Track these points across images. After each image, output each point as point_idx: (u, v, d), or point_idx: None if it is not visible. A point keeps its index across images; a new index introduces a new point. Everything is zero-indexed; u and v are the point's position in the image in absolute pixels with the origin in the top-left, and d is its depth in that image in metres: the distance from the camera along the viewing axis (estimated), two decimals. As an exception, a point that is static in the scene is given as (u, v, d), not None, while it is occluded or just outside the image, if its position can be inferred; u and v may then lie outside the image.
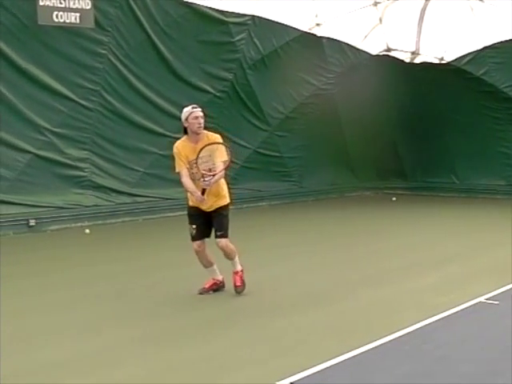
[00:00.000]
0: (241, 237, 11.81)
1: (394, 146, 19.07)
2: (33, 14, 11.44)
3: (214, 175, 6.81)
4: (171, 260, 9.64)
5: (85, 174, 13.22)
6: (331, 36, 16.88)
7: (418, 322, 6.16)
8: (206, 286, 7.35)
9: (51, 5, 11.34)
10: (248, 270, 8.75)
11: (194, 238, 7.15)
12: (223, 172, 6.96)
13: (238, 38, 14.87)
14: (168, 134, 14.39)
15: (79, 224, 12.74)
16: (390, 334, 5.80)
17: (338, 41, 17.05)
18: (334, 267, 9.03)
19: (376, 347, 5.54)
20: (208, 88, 14.84)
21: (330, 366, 5.10)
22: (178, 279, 8.33)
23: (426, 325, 6.10)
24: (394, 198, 17.51)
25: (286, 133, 17.00)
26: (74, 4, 11.60)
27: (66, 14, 11.53)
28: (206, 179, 6.73)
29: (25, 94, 12.04)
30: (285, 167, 17.41)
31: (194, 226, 7.11)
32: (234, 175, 16.05)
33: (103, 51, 12.81)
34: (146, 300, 7.21)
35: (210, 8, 14.18)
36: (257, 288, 7.77)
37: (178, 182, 14.50)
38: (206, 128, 6.98)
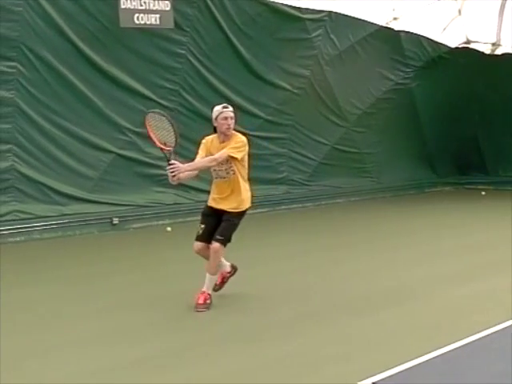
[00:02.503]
0: (320, 233, 11.98)
1: (475, 139, 18.46)
2: (114, 17, 11.59)
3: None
4: (252, 257, 9.63)
5: (165, 172, 13.28)
6: (409, 30, 16.49)
7: (505, 321, 5.89)
8: (217, 282, 6.97)
9: (132, 7, 11.48)
10: (330, 266, 8.71)
11: (197, 238, 6.78)
12: (211, 160, 6.54)
13: (314, 34, 14.69)
14: (245, 131, 14.30)
15: (160, 222, 12.87)
16: (476, 333, 5.57)
17: (416, 34, 16.64)
18: (418, 263, 8.82)
19: (463, 346, 5.31)
20: (285, 85, 14.74)
21: (415, 366, 4.92)
22: (264, 275, 8.32)
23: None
24: (483, 193, 17.03)
25: (364, 128, 16.72)
26: (153, 6, 11.71)
27: (146, 15, 11.66)
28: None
29: (107, 95, 12.23)
30: (363, 163, 17.13)
31: (203, 226, 6.77)
32: (312, 172, 16.00)
33: (182, 51, 12.87)
34: (231, 296, 7.21)
35: (287, 5, 14.06)
36: (339, 284, 7.69)
37: (255, 180, 14.76)
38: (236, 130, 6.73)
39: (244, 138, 6.66)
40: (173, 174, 6.48)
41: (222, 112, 6.60)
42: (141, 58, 12.37)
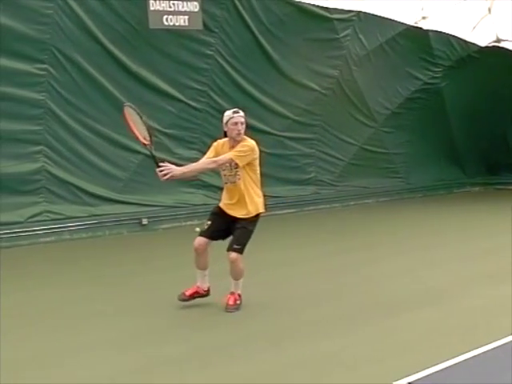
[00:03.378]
0: (349, 234, 11.92)
1: (504, 139, 18.24)
2: (143, 19, 11.63)
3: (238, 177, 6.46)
4: (281, 258, 9.60)
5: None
6: (438, 29, 16.30)
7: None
8: (187, 293, 6.69)
9: (161, 9, 11.50)
10: (360, 267, 8.65)
11: (200, 234, 6.63)
12: (211, 162, 6.46)
13: (343, 34, 14.59)
14: (274, 132, 14.40)
15: (189, 222, 12.86)
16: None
17: (445, 33, 16.40)
18: (449, 264, 8.71)
19: (499, 346, 5.22)
20: (314, 85, 14.66)
21: (451, 366, 4.83)
22: (293, 276, 8.29)
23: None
24: None
25: (393, 128, 16.59)
26: (182, 7, 11.71)
27: (175, 17, 11.66)
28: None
29: (136, 96, 12.21)
30: (391, 163, 17.02)
31: (209, 223, 6.64)
32: (340, 172, 15.93)
33: (210, 52, 12.86)
34: (261, 297, 7.21)
35: (315, 5, 13.95)
36: (370, 285, 7.62)
37: (285, 181, 14.83)
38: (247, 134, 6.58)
39: (252, 143, 6.48)
40: (164, 175, 6.42)
41: (233, 117, 6.47)
42: (169, 59, 12.38)
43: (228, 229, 6.63)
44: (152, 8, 11.42)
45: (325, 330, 6.02)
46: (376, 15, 15.06)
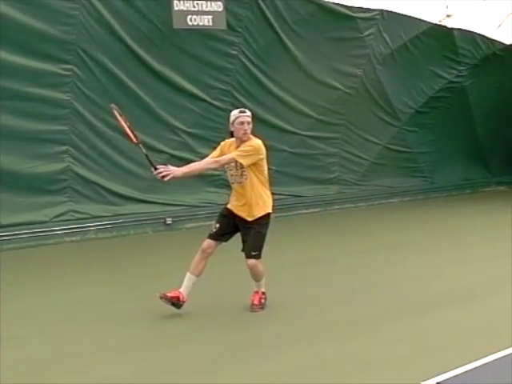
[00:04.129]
0: (374, 234, 11.84)
1: (530, 138, 18.16)
2: (167, 19, 11.61)
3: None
4: (306, 258, 9.56)
5: (218, 172, 13.31)
6: (462, 27, 16.15)
7: None
8: (169, 294, 6.43)
9: (185, 9, 11.48)
10: (386, 266, 8.59)
11: (209, 236, 6.55)
12: (213, 161, 6.42)
13: (366, 33, 14.48)
14: (298, 131, 14.36)
15: (213, 222, 12.84)
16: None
17: (470, 32, 16.23)
18: (478, 263, 8.62)
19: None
20: (337, 85, 14.59)
21: (479, 366, 4.79)
22: (318, 276, 8.24)
23: None
24: None
25: (417, 127, 16.47)
26: (206, 7, 11.69)
27: (199, 17, 11.64)
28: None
29: (160, 96, 12.28)
30: (415, 163, 16.92)
31: (218, 226, 6.54)
32: (364, 172, 15.85)
33: (234, 52, 12.83)
34: (286, 296, 7.16)
35: (338, 4, 13.85)
36: (396, 285, 7.57)
37: (309, 180, 14.79)
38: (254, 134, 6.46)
39: (257, 143, 6.36)
40: (163, 177, 6.32)
41: (239, 117, 6.35)
42: (193, 58, 12.36)
43: (235, 231, 6.58)
44: (176, 8, 11.42)
45: (351, 329, 5.99)
46: (400, 14, 14.93)
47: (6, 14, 10.21)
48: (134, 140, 6.51)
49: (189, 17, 11.57)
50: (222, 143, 6.64)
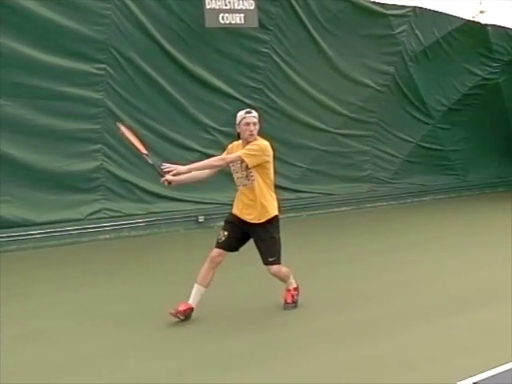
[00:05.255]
0: (407, 231, 11.74)
1: None
2: (199, 18, 11.61)
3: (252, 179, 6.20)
4: (339, 255, 9.50)
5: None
6: (496, 23, 15.93)
7: None
8: (181, 308, 6.27)
9: (217, 7, 11.48)
10: (422, 264, 8.51)
11: (218, 245, 6.35)
12: (219, 159, 6.31)
13: (398, 30, 14.33)
14: (329, 129, 14.28)
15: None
16: None
17: (504, 28, 15.92)
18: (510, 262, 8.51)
19: None
20: (369, 82, 14.47)
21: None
22: (351, 274, 8.18)
23: None
24: None
25: (449, 125, 16.26)
26: (238, 5, 11.68)
27: (231, 15, 11.64)
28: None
29: (192, 94, 12.28)
30: (448, 161, 16.73)
31: (226, 234, 6.35)
32: (396, 170, 15.73)
33: (265, 50, 12.76)
34: (319, 295, 7.12)
35: (370, 1, 13.70)
36: (431, 283, 7.49)
37: (341, 178, 14.71)
38: (261, 135, 6.32)
39: (264, 144, 6.22)
40: (169, 183, 6.27)
41: (245, 117, 6.21)
42: (225, 57, 12.34)
43: (245, 238, 6.42)
44: (208, 6, 11.42)
45: (384, 328, 5.92)
46: (432, 10, 14.76)
47: (40, 15, 10.28)
48: (144, 151, 6.53)
49: (221, 15, 11.56)
50: (230, 146, 6.54)
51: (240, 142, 6.38)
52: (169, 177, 6.25)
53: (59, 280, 8.36)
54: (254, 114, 6.32)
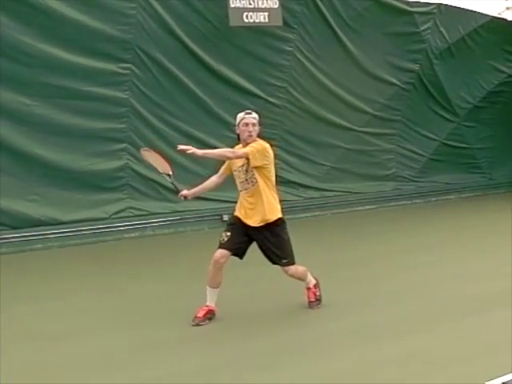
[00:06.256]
0: (432, 230, 11.63)
1: None
2: (223, 17, 11.58)
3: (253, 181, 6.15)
4: (362, 255, 9.44)
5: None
6: (523, 20, 15.85)
7: None
8: (200, 315, 6.16)
9: (241, 6, 11.44)
10: (448, 263, 8.40)
11: (220, 246, 6.19)
12: (230, 151, 6.24)
13: (423, 27, 14.19)
14: (354, 127, 14.20)
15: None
16: None
17: (531, 24, 15.96)
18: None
19: None
20: (394, 80, 14.37)
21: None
22: (375, 273, 8.09)
23: None
24: None
25: (475, 123, 16.11)
26: (262, 4, 11.63)
27: (255, 14, 11.59)
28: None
29: (217, 93, 12.26)
30: (474, 159, 16.58)
31: (228, 234, 6.21)
32: (421, 168, 15.62)
33: (289, 48, 12.70)
34: (342, 295, 7.08)
35: (394, -1, 13.78)
36: (457, 282, 7.40)
37: (366, 176, 14.64)
38: (261, 137, 6.25)
39: (264, 144, 6.18)
40: (185, 197, 6.44)
41: (244, 118, 6.19)
42: (249, 56, 12.28)
43: (248, 241, 6.29)
44: (232, 5, 11.39)
45: (410, 327, 5.84)
46: (457, 7, 14.62)
47: (67, 16, 10.30)
48: (163, 170, 6.61)
49: (245, 14, 11.52)
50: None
51: (239, 145, 6.36)
52: (184, 192, 6.43)
53: (85, 279, 8.37)
54: (254, 115, 6.28)
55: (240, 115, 6.30)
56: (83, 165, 11.09)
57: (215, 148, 12.09)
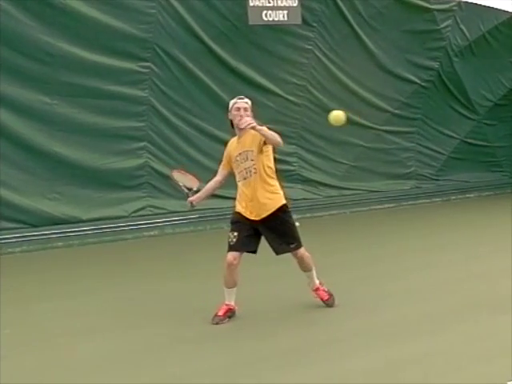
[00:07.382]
0: (451, 228, 11.53)
1: None
2: (242, 15, 11.56)
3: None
4: (381, 253, 9.39)
5: (293, 168, 13.30)
6: (544, 16, 15.65)
7: None
8: (220, 313, 6.11)
9: (260, 5, 11.43)
10: (464, 262, 8.31)
11: (231, 248, 6.03)
12: (278, 136, 5.97)
13: (443, 25, 14.08)
14: (373, 126, 14.12)
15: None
16: None
17: (552, 21, 15.77)
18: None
19: None
20: (413, 78, 14.28)
21: None
22: (392, 272, 8.05)
23: None
24: None
25: (495, 121, 15.96)
26: (281, 2, 11.61)
27: (274, 12, 11.57)
28: None
29: (236, 92, 12.07)
30: (494, 157, 16.41)
31: (236, 234, 6.04)
32: (440, 166, 15.52)
33: (309, 47, 12.67)
34: (357, 294, 7.06)
35: (414, -4, 13.68)
36: (476, 281, 7.32)
37: (385, 175, 14.57)
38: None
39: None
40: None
41: (236, 103, 6.09)
42: (268, 54, 12.26)
43: (256, 234, 6.16)
44: (251, 4, 11.37)
45: (429, 327, 5.76)
46: (478, 4, 14.44)
47: (87, 15, 10.35)
48: (192, 187, 6.58)
49: (264, 12, 11.51)
50: (226, 149, 6.40)
51: (234, 138, 6.27)
52: (190, 198, 6.38)
53: (105, 277, 8.40)
54: (246, 100, 6.18)
55: (232, 100, 6.21)
56: (103, 163, 11.14)
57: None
